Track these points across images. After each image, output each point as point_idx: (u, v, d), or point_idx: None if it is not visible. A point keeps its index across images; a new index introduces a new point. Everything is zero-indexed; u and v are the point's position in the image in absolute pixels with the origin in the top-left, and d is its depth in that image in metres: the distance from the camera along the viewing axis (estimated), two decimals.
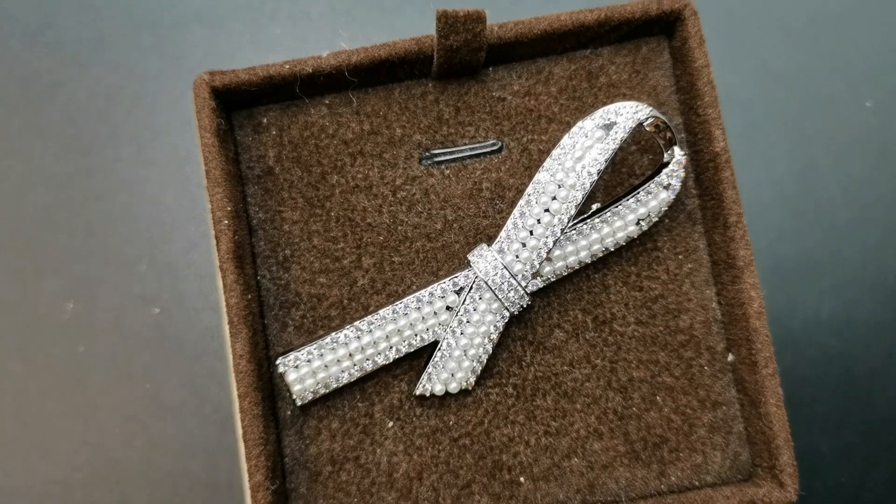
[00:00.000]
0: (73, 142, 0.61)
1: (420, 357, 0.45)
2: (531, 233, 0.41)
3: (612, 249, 0.44)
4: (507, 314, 0.43)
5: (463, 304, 0.42)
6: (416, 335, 0.43)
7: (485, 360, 0.44)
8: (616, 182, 0.47)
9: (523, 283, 0.42)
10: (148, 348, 0.59)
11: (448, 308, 0.43)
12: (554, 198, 0.41)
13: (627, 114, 0.41)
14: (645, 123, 0.42)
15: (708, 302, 0.46)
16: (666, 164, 0.43)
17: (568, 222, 0.41)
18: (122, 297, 0.59)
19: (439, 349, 0.43)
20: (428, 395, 0.44)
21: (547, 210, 0.41)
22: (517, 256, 0.42)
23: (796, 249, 0.61)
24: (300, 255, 0.46)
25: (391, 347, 0.43)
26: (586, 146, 0.41)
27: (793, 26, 0.63)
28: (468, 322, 0.42)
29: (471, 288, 0.42)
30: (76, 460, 0.58)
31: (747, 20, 0.63)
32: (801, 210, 0.61)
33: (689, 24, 0.45)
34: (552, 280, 0.44)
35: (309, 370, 0.43)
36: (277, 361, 0.43)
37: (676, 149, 0.43)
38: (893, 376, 0.60)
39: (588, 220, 0.43)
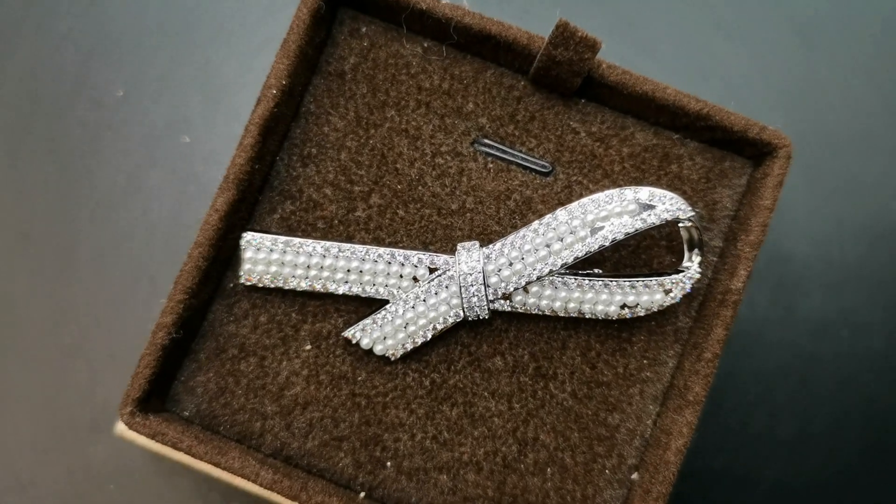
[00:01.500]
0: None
1: (369, 307, 0.45)
2: (522, 258, 0.41)
3: (588, 317, 0.43)
4: (461, 316, 0.43)
5: (428, 283, 0.42)
6: (373, 285, 0.43)
7: (419, 344, 0.44)
8: (629, 262, 0.46)
9: (490, 297, 0.42)
10: None
11: (414, 279, 0.43)
12: (560, 239, 0.41)
13: (670, 205, 0.41)
14: (681, 223, 0.42)
15: (645, 415, 0.45)
16: (679, 272, 0.42)
17: (561, 267, 0.41)
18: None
19: (386, 309, 0.43)
20: (354, 342, 0.44)
21: (548, 246, 0.41)
22: (499, 271, 0.42)
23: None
24: (322, 160, 0.47)
25: (346, 282, 0.43)
26: (616, 211, 0.41)
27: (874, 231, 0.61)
28: (423, 301, 0.43)
29: (442, 273, 0.42)
30: None
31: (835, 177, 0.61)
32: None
33: (777, 162, 0.44)
34: (518, 311, 0.43)
35: (266, 258, 0.43)
36: (244, 235, 0.44)
37: (696, 263, 0.42)
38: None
39: (580, 277, 0.42)
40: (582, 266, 0.43)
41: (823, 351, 0.59)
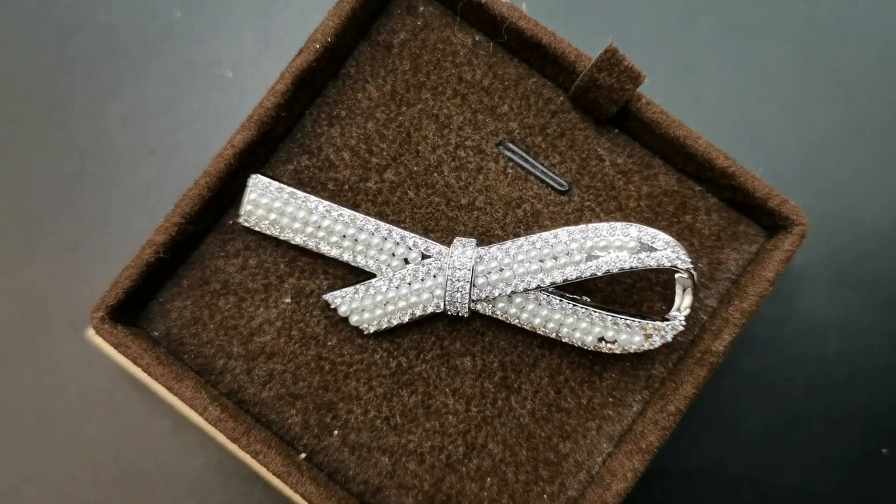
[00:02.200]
0: None
1: (357, 277, 0.45)
2: (513, 267, 0.41)
3: (564, 341, 0.43)
4: (441, 308, 0.43)
5: (417, 267, 0.43)
6: (364, 256, 0.44)
7: (394, 325, 0.44)
8: (620, 299, 0.46)
9: (473, 296, 0.42)
10: None
11: (406, 261, 0.43)
12: (555, 258, 0.41)
13: (671, 253, 0.40)
14: (678, 273, 0.41)
15: (597, 452, 0.45)
16: (665, 320, 0.42)
17: (549, 286, 0.41)
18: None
19: (370, 283, 0.43)
20: (332, 307, 0.44)
21: (541, 262, 0.41)
22: (488, 273, 0.42)
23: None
24: (348, 125, 0.47)
25: (339, 247, 0.44)
26: (616, 244, 0.40)
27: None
28: (408, 284, 0.43)
29: (433, 262, 0.42)
30: None
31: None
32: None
33: (790, 239, 0.43)
34: (499, 317, 0.43)
35: (268, 204, 0.44)
36: (253, 176, 0.44)
37: (682, 315, 0.42)
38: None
39: (565, 300, 0.42)
40: (572, 290, 0.43)
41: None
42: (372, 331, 0.44)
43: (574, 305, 0.42)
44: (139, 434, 0.57)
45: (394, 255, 0.43)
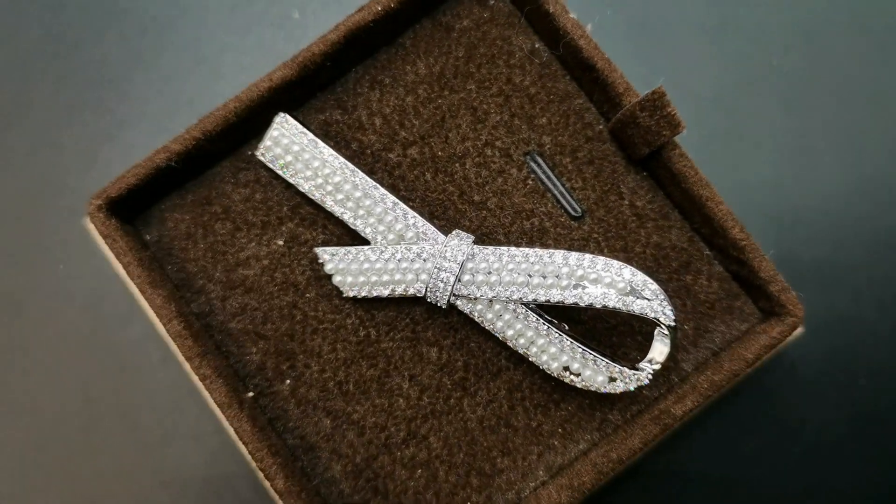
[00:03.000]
0: None
1: (353, 240, 0.46)
2: (500, 274, 0.41)
3: (531, 360, 0.43)
4: (422, 292, 0.43)
5: (409, 247, 0.43)
6: (364, 221, 0.44)
7: (373, 295, 0.44)
8: (600, 337, 0.45)
9: (455, 290, 0.42)
10: None
11: (401, 237, 0.43)
12: (543, 277, 0.41)
13: (657, 306, 0.40)
14: (659, 328, 0.41)
15: (531, 477, 0.44)
16: (635, 369, 0.42)
17: (530, 302, 0.41)
18: None
19: (361, 249, 0.44)
20: (320, 261, 0.45)
21: (529, 276, 0.41)
22: (475, 272, 0.42)
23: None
24: (388, 93, 0.47)
25: (343, 206, 0.44)
26: (606, 281, 0.40)
27: None
28: (398, 261, 0.43)
29: (426, 245, 0.42)
30: None
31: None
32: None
33: (779, 328, 0.42)
34: (475, 319, 0.43)
35: (287, 144, 0.44)
36: (281, 114, 0.44)
37: (652, 369, 0.41)
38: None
39: (542, 320, 0.42)
40: (555, 314, 0.43)
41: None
42: (351, 295, 0.45)
43: (549, 328, 0.42)
44: (106, 328, 0.58)
45: (391, 228, 0.43)
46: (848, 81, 0.61)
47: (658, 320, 0.40)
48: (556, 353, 0.42)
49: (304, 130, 0.44)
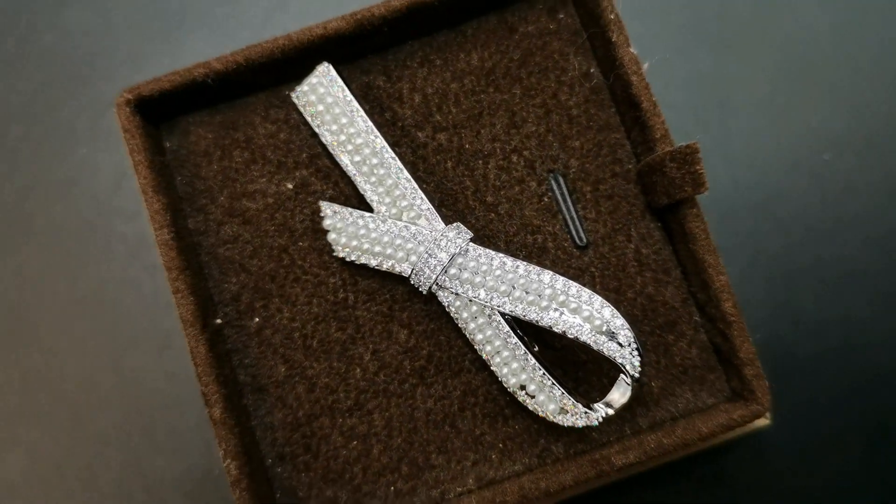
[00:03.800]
0: None
1: (360, 204, 0.46)
2: (486, 278, 0.41)
3: (492, 369, 0.43)
4: (407, 274, 0.43)
5: (407, 226, 0.43)
6: (373, 188, 0.44)
7: (360, 262, 0.44)
8: (568, 368, 0.45)
9: (439, 281, 0.42)
10: None
11: (402, 214, 0.44)
12: (526, 292, 0.41)
13: (628, 354, 0.40)
14: (623, 376, 0.41)
15: (460, 483, 0.44)
16: (588, 407, 0.41)
17: (507, 313, 0.41)
18: None
19: (362, 214, 0.44)
20: (321, 214, 0.45)
21: (512, 287, 0.41)
22: (463, 268, 0.42)
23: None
24: (435, 74, 0.47)
25: (357, 167, 0.44)
26: (584, 314, 0.40)
27: None
28: (393, 236, 0.43)
29: (423, 229, 0.43)
30: None
31: None
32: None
33: (741, 411, 0.42)
34: (451, 314, 0.43)
35: (323, 95, 0.45)
36: (324, 63, 0.45)
37: (606, 412, 0.41)
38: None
39: (514, 335, 0.42)
40: (532, 332, 0.43)
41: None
42: (341, 256, 0.45)
43: (518, 343, 0.42)
44: (108, 213, 0.60)
45: (395, 202, 0.44)
46: None
47: (624, 367, 0.40)
48: (517, 368, 0.42)
49: (343, 86, 0.45)
